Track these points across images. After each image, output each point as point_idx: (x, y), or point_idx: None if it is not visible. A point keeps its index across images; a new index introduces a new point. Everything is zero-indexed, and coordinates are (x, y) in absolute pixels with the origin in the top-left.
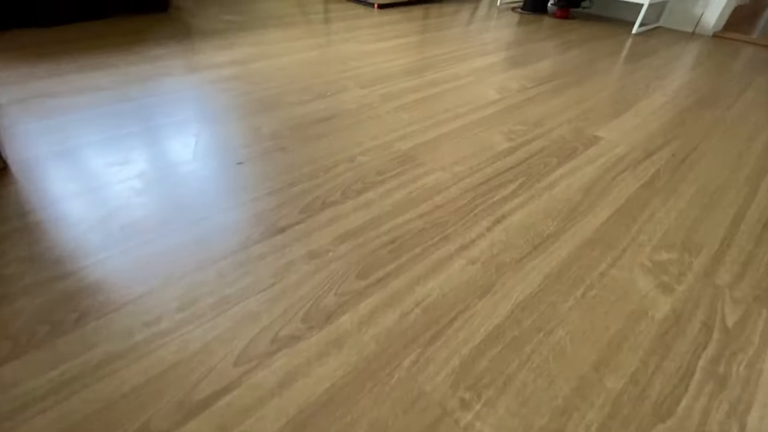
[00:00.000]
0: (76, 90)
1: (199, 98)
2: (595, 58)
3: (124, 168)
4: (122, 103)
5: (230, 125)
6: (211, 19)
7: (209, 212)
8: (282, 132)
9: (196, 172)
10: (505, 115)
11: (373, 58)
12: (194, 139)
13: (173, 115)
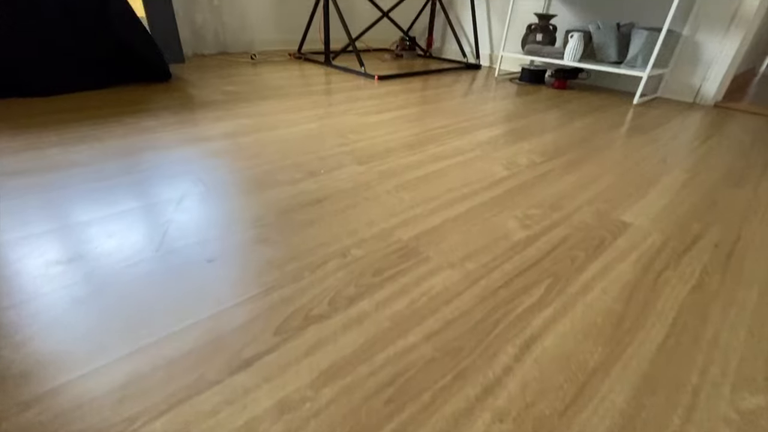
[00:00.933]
0: (48, 167)
1: (181, 177)
2: (600, 130)
3: (68, 269)
4: (93, 183)
5: (210, 209)
6: (211, 89)
7: (155, 336)
8: (267, 218)
9: (155, 274)
10: (517, 196)
11: (373, 131)
12: (163, 228)
13: (146, 197)
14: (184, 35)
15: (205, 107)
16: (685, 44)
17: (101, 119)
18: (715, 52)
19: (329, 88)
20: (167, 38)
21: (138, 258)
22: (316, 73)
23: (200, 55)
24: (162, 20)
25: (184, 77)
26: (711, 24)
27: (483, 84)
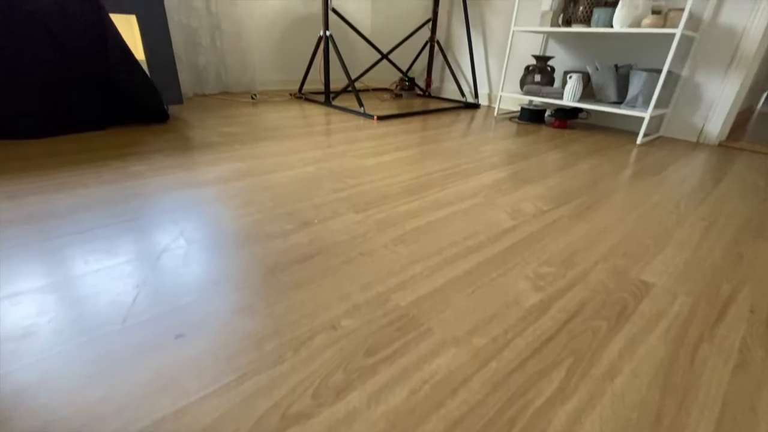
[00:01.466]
0: (21, 218)
1: (164, 229)
2: (607, 173)
3: (18, 347)
4: (65, 238)
5: (189, 269)
6: (208, 130)
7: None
8: (251, 279)
9: (115, 355)
10: (526, 250)
11: (371, 175)
12: (135, 292)
13: (121, 254)
14: (185, 76)
15: (199, 150)
16: (685, 85)
17: (91, 163)
18: (716, 93)
19: (328, 128)
20: (166, 79)
21: (99, 332)
22: (316, 113)
23: (201, 94)
24: (162, 62)
25: (182, 117)
26: (710, 65)
27: (483, 123)
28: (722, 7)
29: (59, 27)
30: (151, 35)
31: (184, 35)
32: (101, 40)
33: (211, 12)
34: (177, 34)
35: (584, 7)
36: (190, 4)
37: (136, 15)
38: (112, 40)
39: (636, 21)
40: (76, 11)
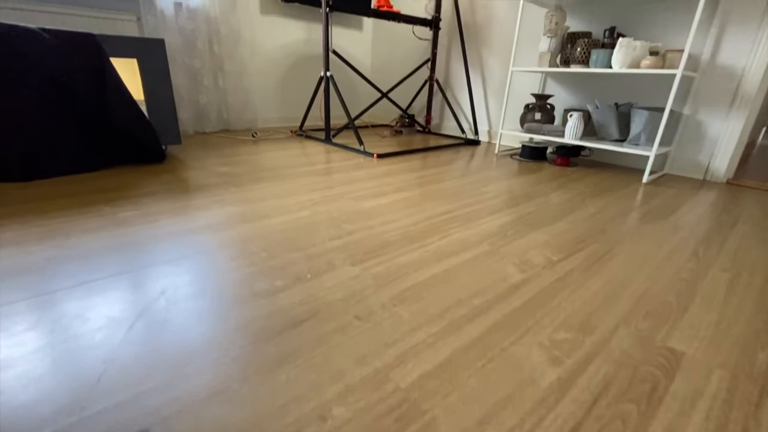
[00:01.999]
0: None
1: (143, 289)
2: (616, 216)
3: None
4: (33, 299)
5: (165, 339)
6: (205, 171)
7: None
8: (232, 350)
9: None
10: (538, 310)
11: (370, 219)
12: (100, 371)
13: (93, 320)
14: (186, 115)
15: (193, 193)
16: (688, 123)
17: (79, 208)
18: (720, 131)
19: (327, 167)
20: (165, 120)
21: (50, 426)
22: (316, 151)
23: (202, 132)
24: (161, 104)
25: (180, 157)
26: (711, 103)
27: (483, 161)
28: (720, 48)
29: (57, 70)
30: (152, 78)
31: (187, 75)
32: (100, 82)
33: (214, 53)
34: (180, 75)
35: (582, 49)
36: (194, 46)
37: (138, 59)
38: (111, 83)
39: (635, 62)
40: (74, 55)
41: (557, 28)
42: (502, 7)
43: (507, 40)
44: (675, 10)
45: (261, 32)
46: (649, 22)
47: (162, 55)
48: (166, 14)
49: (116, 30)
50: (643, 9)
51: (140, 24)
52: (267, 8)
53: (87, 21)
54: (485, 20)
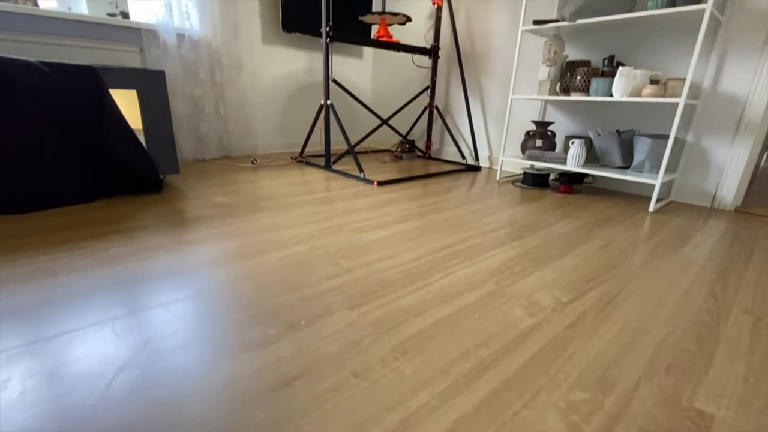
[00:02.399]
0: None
1: (125, 340)
2: (625, 249)
3: None
4: (7, 354)
5: (137, 407)
6: (202, 201)
7: None
8: (213, 421)
9: None
10: (551, 363)
11: (369, 254)
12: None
13: (66, 380)
14: (187, 142)
15: (188, 225)
16: (692, 150)
17: (69, 244)
18: (725, 158)
19: (326, 196)
20: (164, 150)
21: None
22: (315, 179)
23: (202, 159)
24: (159, 134)
25: (178, 187)
26: (715, 131)
27: (485, 188)
28: (721, 76)
29: (55, 102)
30: (151, 109)
31: (188, 104)
32: (98, 115)
33: (216, 82)
34: (181, 103)
35: (582, 77)
36: (196, 76)
37: (138, 90)
38: (109, 115)
39: (635, 90)
40: (73, 87)
41: (556, 57)
42: (501, 37)
43: (506, 67)
44: (673, 38)
45: (263, 61)
46: (647, 51)
47: (162, 86)
48: (168, 45)
49: (119, 60)
50: (641, 38)
51: (143, 55)
52: (269, 38)
53: (91, 52)
54: (484, 49)
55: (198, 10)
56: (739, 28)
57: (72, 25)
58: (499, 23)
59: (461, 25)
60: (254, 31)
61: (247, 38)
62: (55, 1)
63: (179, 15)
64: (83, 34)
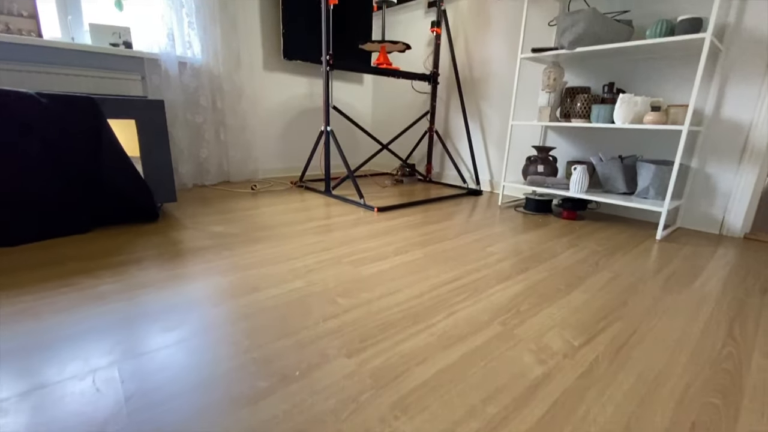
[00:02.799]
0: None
1: (106, 396)
2: (635, 283)
3: None
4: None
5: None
6: (198, 231)
7: None
8: None
9: None
10: (565, 423)
11: (369, 291)
12: None
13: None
14: (186, 169)
15: (182, 259)
16: (697, 176)
17: (57, 280)
18: (731, 184)
19: (326, 224)
20: (161, 179)
21: None
22: (315, 205)
23: (201, 185)
24: (157, 163)
25: (175, 215)
26: (720, 157)
27: (487, 214)
28: (723, 102)
29: (52, 134)
30: (150, 138)
31: (189, 130)
32: (96, 145)
33: (217, 108)
34: (181, 130)
35: (582, 104)
36: (197, 103)
37: (136, 119)
38: (107, 145)
39: (637, 117)
40: (71, 118)
41: (556, 83)
42: (499, 63)
43: (505, 93)
44: (672, 65)
45: (264, 87)
46: (646, 77)
47: (161, 115)
48: (170, 73)
49: (121, 88)
50: (641, 64)
51: (144, 83)
52: (270, 65)
53: (93, 81)
54: (483, 75)
55: (200, 40)
56: (739, 55)
57: (75, 55)
58: (497, 50)
59: (460, 52)
60: (256, 59)
61: (249, 65)
62: (58, 31)
63: (181, 44)
64: (86, 64)
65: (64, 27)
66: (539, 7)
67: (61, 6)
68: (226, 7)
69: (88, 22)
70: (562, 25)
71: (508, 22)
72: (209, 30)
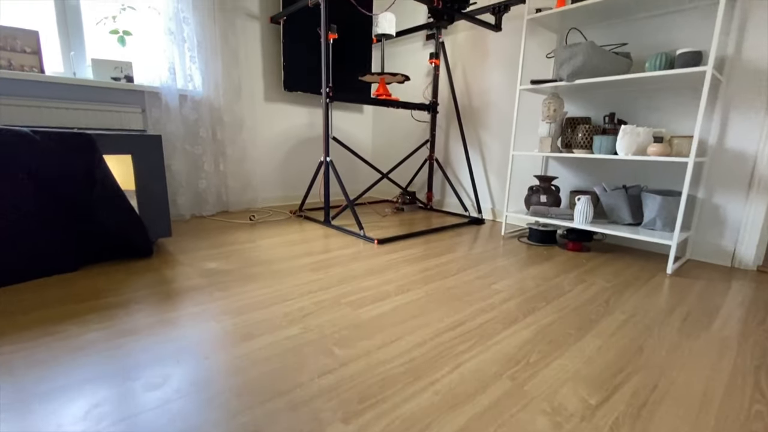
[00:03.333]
0: None
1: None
2: (651, 325)
3: None
4: None
5: None
6: (193, 268)
7: None
8: None
9: None
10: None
11: (368, 338)
12: None
13: None
14: (184, 199)
15: (173, 301)
16: (704, 206)
17: (41, 327)
18: (741, 215)
19: (324, 259)
20: (156, 214)
21: None
22: (314, 236)
23: (199, 216)
24: (153, 197)
25: (170, 250)
26: (727, 187)
27: (490, 246)
28: (726, 132)
29: (46, 171)
30: (146, 173)
31: (188, 162)
32: (90, 182)
33: (217, 139)
34: (180, 161)
35: (583, 134)
36: (197, 134)
37: (133, 155)
38: (101, 181)
39: (640, 148)
40: (66, 155)
41: (556, 114)
42: (498, 93)
43: (504, 122)
44: (673, 96)
45: (264, 118)
46: (647, 108)
47: (158, 150)
48: (170, 106)
49: (121, 121)
50: (640, 95)
51: (144, 115)
52: (270, 96)
53: (93, 114)
54: (482, 104)
55: (201, 73)
56: (740, 86)
57: (76, 89)
58: (496, 80)
59: (459, 82)
60: (257, 90)
61: (250, 96)
62: (61, 66)
63: (183, 77)
64: (87, 98)
65: (67, 62)
66: (536, 39)
67: (65, 42)
68: (227, 40)
69: (90, 57)
70: (560, 57)
71: (506, 53)
72: (210, 63)
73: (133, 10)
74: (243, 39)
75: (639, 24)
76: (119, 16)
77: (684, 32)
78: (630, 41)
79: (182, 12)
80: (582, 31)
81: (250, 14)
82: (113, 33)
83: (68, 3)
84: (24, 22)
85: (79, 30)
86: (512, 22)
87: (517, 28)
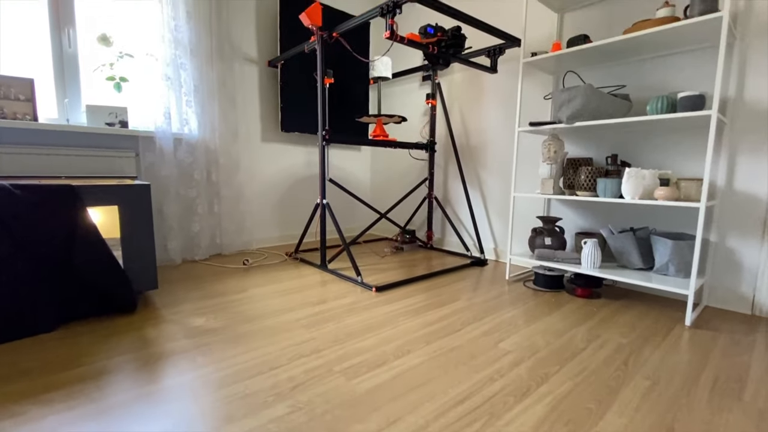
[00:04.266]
0: None
1: None
2: (678, 394)
3: None
4: None
5: None
6: (178, 326)
7: None
8: None
9: None
10: None
11: (363, 422)
12: None
13: None
14: (175, 244)
15: (151, 369)
16: (718, 250)
17: (6, 405)
18: (757, 259)
19: (319, 311)
20: (142, 266)
21: None
22: (309, 284)
23: (191, 260)
24: (138, 249)
25: (155, 303)
26: (741, 230)
27: (495, 292)
28: (735, 175)
29: (19, 227)
30: (132, 224)
31: (181, 205)
32: (70, 236)
33: (212, 181)
34: (173, 205)
35: (586, 176)
36: (191, 177)
37: (119, 206)
38: (83, 235)
39: (646, 191)
40: (46, 209)
41: (556, 155)
42: (496, 133)
43: (503, 160)
44: (675, 137)
45: (260, 158)
46: (649, 149)
47: (145, 200)
48: (164, 150)
49: (114, 167)
50: (641, 137)
51: (138, 160)
52: (267, 136)
53: (86, 160)
54: (480, 143)
55: (197, 116)
56: (745, 127)
57: (69, 135)
58: (494, 119)
59: (456, 122)
60: (254, 131)
61: (246, 137)
62: (55, 112)
63: (178, 121)
64: (80, 143)
65: (61, 109)
66: (533, 80)
67: (60, 89)
68: (225, 84)
69: (85, 103)
70: (558, 99)
71: (503, 93)
72: (207, 107)
73: (131, 57)
74: (241, 82)
75: (636, 65)
76: (116, 63)
77: (683, 73)
78: (628, 83)
79: (180, 58)
80: (579, 74)
81: (248, 58)
82: (110, 80)
83: (66, 51)
84: (21, 69)
85: (75, 77)
86: (508, 63)
87: (514, 69)
